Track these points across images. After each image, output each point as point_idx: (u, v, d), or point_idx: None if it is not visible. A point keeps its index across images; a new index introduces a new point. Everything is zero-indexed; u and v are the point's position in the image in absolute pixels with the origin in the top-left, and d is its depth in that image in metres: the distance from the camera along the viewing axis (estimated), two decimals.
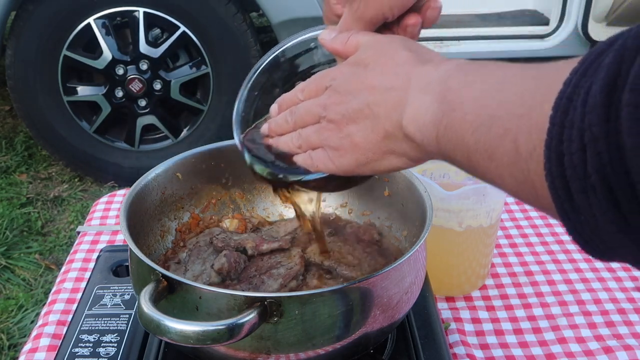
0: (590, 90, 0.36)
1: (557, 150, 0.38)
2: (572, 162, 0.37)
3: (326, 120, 0.58)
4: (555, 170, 0.38)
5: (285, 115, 0.64)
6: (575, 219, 0.39)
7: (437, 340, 0.81)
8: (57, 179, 2.95)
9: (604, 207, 0.36)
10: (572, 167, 0.37)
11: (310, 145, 0.60)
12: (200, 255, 0.86)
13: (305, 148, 0.61)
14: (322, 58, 0.71)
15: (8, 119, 3.42)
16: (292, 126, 0.62)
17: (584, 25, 2.82)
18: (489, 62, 0.50)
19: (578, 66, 0.39)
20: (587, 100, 0.36)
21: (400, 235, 0.90)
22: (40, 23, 2.57)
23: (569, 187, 0.38)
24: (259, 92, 0.72)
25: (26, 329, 2.07)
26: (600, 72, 0.36)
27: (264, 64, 0.72)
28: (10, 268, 2.36)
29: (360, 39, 0.60)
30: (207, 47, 2.64)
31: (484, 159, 0.46)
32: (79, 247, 1.14)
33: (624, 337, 0.94)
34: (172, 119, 2.82)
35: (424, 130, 0.51)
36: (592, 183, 0.36)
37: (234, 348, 0.67)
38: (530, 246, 1.15)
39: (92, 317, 0.85)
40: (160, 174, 0.89)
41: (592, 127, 0.35)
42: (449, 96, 0.49)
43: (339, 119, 0.57)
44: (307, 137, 0.61)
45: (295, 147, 0.62)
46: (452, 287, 1.03)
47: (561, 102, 0.38)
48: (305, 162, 0.62)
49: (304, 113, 0.61)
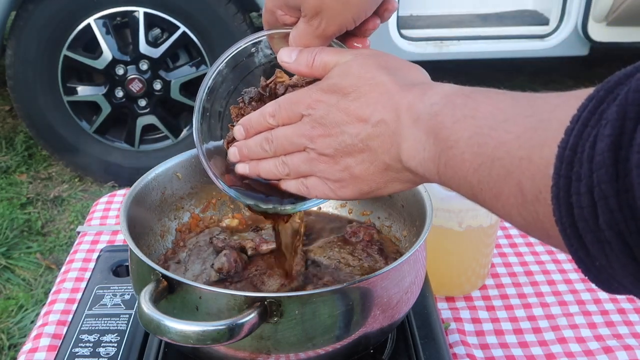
0: (595, 145, 0.36)
1: (566, 202, 0.37)
2: (583, 215, 0.36)
3: (316, 152, 0.57)
4: (566, 221, 0.38)
5: (260, 142, 0.62)
6: (591, 264, 0.39)
7: (437, 340, 0.81)
8: (57, 179, 2.95)
9: (622, 260, 0.36)
10: (584, 220, 0.37)
11: (300, 174, 0.60)
12: (200, 255, 0.86)
13: (294, 176, 0.61)
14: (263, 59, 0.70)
15: (8, 119, 3.42)
16: (272, 154, 0.61)
17: (584, 25, 2.82)
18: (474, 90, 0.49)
19: (578, 114, 0.38)
20: (594, 156, 0.36)
21: (400, 235, 0.90)
22: (40, 23, 2.57)
23: (582, 238, 0.37)
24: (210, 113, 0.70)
25: (26, 329, 2.07)
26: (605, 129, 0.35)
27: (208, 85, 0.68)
28: (10, 268, 2.36)
29: (327, 60, 0.58)
30: (207, 47, 2.65)
31: (489, 198, 0.45)
32: (79, 247, 1.14)
33: (624, 337, 0.94)
34: (172, 119, 2.82)
35: (424, 165, 0.51)
36: (606, 237, 0.36)
37: (234, 348, 0.67)
38: (530, 246, 1.15)
39: (92, 317, 0.85)
40: (160, 174, 0.89)
41: (602, 184, 0.35)
42: (441, 133, 0.48)
43: (331, 152, 0.56)
44: (295, 167, 0.60)
45: (282, 175, 0.61)
46: (452, 287, 1.03)
47: (564, 152, 0.38)
48: (299, 190, 0.61)
49: (285, 142, 0.59)
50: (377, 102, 0.53)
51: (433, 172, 0.50)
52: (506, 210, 0.44)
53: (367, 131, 0.54)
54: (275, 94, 0.66)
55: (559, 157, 0.38)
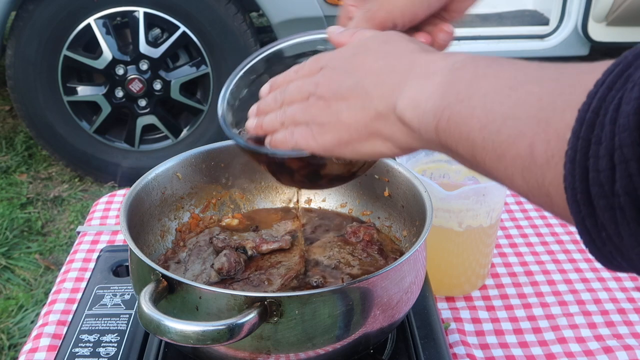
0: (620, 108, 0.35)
1: (582, 165, 0.37)
2: (599, 179, 0.36)
3: (315, 97, 0.56)
4: (578, 186, 0.37)
5: (275, 94, 0.62)
6: (596, 234, 0.38)
7: (437, 340, 0.81)
8: (57, 179, 2.95)
9: (632, 228, 0.35)
10: (599, 185, 0.36)
11: (295, 122, 0.58)
12: (200, 255, 0.86)
13: (288, 124, 0.59)
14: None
15: (8, 119, 3.42)
16: (279, 104, 0.60)
17: (584, 25, 2.82)
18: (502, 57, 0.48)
19: (603, 77, 0.37)
20: (618, 119, 0.35)
21: (400, 235, 0.90)
22: (40, 23, 2.57)
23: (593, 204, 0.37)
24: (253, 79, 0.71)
25: (26, 329, 2.07)
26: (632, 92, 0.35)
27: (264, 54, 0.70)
28: (10, 268, 2.36)
29: (366, 33, 0.59)
30: (207, 47, 2.65)
31: (491, 158, 0.44)
32: (79, 247, 1.14)
33: (624, 337, 0.94)
34: (172, 119, 2.82)
35: (423, 118, 0.49)
36: (620, 203, 0.35)
37: (234, 348, 0.67)
38: (530, 246, 1.15)
39: (92, 317, 0.85)
40: (160, 174, 0.89)
41: (624, 147, 0.34)
42: (455, 86, 0.47)
43: (329, 95, 0.55)
44: (292, 115, 0.58)
45: (278, 124, 0.60)
46: (452, 287, 1.03)
47: (586, 115, 0.37)
48: (285, 138, 0.59)
49: (295, 91, 0.59)
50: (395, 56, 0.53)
51: (430, 126, 0.48)
52: (508, 172, 0.43)
53: (371, 78, 0.53)
54: None
55: (579, 120, 0.37)
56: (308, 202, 0.99)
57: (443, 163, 1.05)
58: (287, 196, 0.99)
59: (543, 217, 1.23)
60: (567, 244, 1.15)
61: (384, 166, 0.90)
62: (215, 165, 0.94)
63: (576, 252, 1.13)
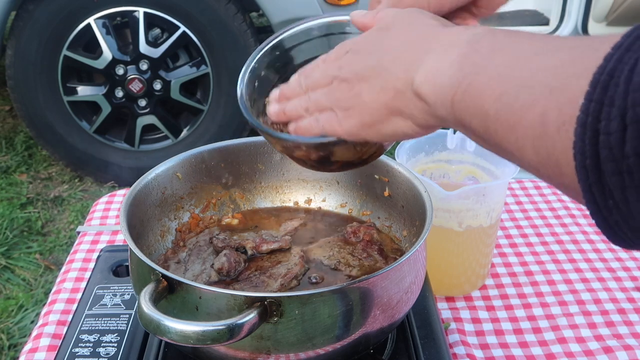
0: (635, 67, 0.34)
1: (592, 128, 0.36)
2: (609, 142, 0.35)
3: (339, 79, 0.56)
4: (588, 150, 0.36)
5: (300, 78, 0.61)
6: (603, 202, 0.37)
7: (437, 340, 0.81)
8: (57, 179, 2.95)
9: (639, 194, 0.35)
10: (608, 148, 0.35)
11: (319, 108, 0.58)
12: (200, 255, 0.86)
13: (312, 111, 0.59)
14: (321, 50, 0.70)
15: (8, 119, 3.42)
16: (304, 90, 0.60)
17: (584, 25, 2.82)
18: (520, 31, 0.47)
19: (621, 40, 0.37)
20: (632, 77, 0.34)
21: (400, 235, 0.90)
22: (40, 23, 2.57)
23: (601, 168, 0.36)
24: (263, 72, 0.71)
25: (26, 329, 2.07)
26: None
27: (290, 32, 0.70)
28: (10, 268, 2.37)
29: (389, 11, 0.58)
30: (207, 47, 2.65)
31: (504, 128, 0.44)
32: (79, 247, 1.14)
33: (624, 337, 0.94)
34: (172, 119, 2.82)
35: (439, 91, 0.49)
36: (629, 166, 0.34)
37: (234, 348, 0.67)
38: (530, 246, 1.15)
39: (92, 317, 0.85)
40: (160, 174, 0.89)
41: (636, 107, 0.33)
42: (474, 58, 0.47)
43: (351, 77, 0.55)
44: (316, 100, 0.58)
45: (302, 110, 0.60)
46: (452, 287, 1.03)
47: (601, 77, 0.36)
48: (310, 125, 0.59)
49: (319, 75, 0.59)
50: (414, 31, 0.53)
51: (446, 100, 0.48)
52: (519, 143, 0.43)
53: (390, 54, 0.53)
54: None
55: (593, 83, 0.36)
56: (308, 202, 0.99)
57: (443, 163, 1.05)
58: (287, 196, 0.99)
59: (543, 217, 1.23)
60: (567, 244, 1.16)
61: (384, 166, 0.90)
62: (215, 165, 0.94)
63: (576, 252, 1.13)
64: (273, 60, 0.71)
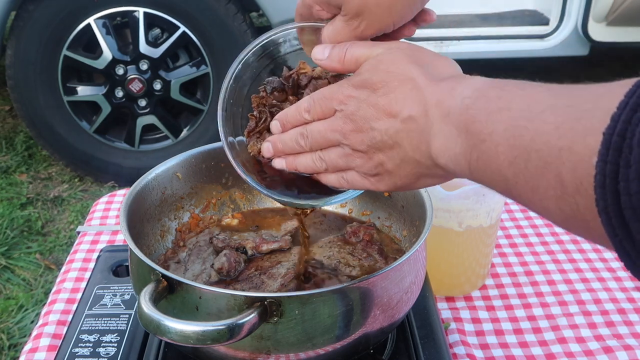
0: None
1: (612, 189, 0.37)
2: (632, 203, 0.36)
3: (350, 148, 0.58)
4: (611, 210, 0.37)
5: (295, 137, 0.63)
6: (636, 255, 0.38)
7: (437, 340, 0.81)
8: (57, 179, 2.95)
9: None
10: (632, 208, 0.36)
11: (338, 168, 0.61)
12: (200, 255, 0.86)
13: (332, 170, 0.62)
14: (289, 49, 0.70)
15: (8, 119, 3.42)
16: (308, 149, 0.63)
17: (584, 25, 2.82)
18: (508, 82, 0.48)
19: (625, 99, 0.37)
20: None
21: (400, 235, 0.90)
22: (40, 23, 2.57)
23: (629, 227, 0.37)
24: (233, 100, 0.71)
25: (26, 329, 2.07)
26: None
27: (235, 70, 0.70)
28: (10, 268, 2.36)
29: (358, 54, 0.59)
30: (207, 47, 2.65)
31: (526, 191, 0.44)
32: (79, 247, 1.14)
33: (624, 337, 0.94)
34: (172, 119, 2.82)
35: (455, 161, 0.50)
36: None
37: (234, 348, 0.67)
38: (530, 246, 1.15)
39: (92, 317, 0.85)
40: (160, 174, 0.89)
41: None
42: (474, 127, 0.48)
43: (364, 148, 0.57)
44: (333, 162, 0.61)
45: (320, 169, 0.63)
46: (452, 287, 1.03)
47: (612, 138, 0.37)
48: (340, 184, 0.63)
49: (320, 138, 0.61)
50: (406, 97, 0.54)
51: (464, 167, 0.50)
52: (544, 204, 0.43)
53: (395, 127, 0.54)
54: (298, 85, 0.68)
55: (605, 144, 0.37)
56: None
57: None
58: None
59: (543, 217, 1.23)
60: (567, 244, 1.15)
61: None
62: (215, 165, 0.94)
63: (576, 252, 1.13)
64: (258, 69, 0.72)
